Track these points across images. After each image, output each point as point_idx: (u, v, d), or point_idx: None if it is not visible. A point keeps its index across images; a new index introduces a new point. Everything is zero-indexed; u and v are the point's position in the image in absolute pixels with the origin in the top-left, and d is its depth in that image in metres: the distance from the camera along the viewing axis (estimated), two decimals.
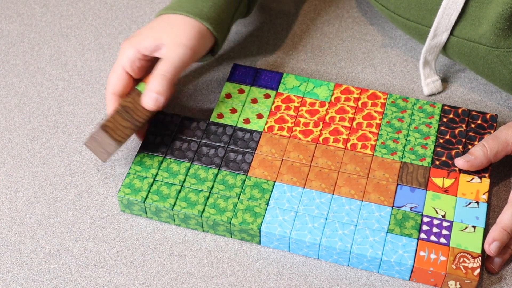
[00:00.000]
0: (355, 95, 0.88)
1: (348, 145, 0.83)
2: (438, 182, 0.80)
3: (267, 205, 0.79)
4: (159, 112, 0.86)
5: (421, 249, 0.75)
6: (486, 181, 0.80)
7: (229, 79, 0.90)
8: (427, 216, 0.77)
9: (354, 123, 0.85)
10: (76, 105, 0.92)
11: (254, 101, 0.88)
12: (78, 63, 0.97)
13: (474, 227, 0.77)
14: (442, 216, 0.77)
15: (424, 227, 0.77)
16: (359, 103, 0.87)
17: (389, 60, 0.96)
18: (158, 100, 0.80)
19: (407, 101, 0.87)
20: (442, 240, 0.76)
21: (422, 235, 0.76)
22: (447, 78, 0.94)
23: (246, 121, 0.86)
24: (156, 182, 0.81)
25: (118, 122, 0.79)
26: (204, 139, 0.84)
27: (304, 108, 0.87)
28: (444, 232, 0.76)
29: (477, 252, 0.75)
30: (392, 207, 0.78)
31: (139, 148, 0.83)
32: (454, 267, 0.74)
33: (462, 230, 0.76)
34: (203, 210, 0.78)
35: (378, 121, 0.85)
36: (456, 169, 0.81)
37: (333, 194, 0.79)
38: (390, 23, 1.00)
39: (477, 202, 0.78)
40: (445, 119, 0.85)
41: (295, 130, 0.85)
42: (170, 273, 0.77)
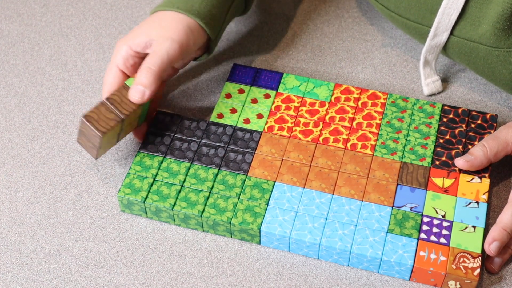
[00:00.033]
0: (355, 95, 0.88)
1: (348, 145, 0.83)
2: (438, 182, 0.80)
3: (267, 205, 0.79)
4: (159, 112, 0.86)
5: (421, 249, 0.75)
6: (486, 181, 0.80)
7: (229, 79, 0.90)
8: (427, 216, 0.77)
9: (354, 123, 0.85)
10: (76, 105, 0.92)
11: (254, 101, 0.88)
12: (78, 63, 0.97)
13: (474, 227, 0.77)
14: (442, 216, 0.77)
15: (424, 227, 0.77)
16: (359, 103, 0.87)
17: (389, 60, 0.96)
18: (144, 93, 0.80)
19: (407, 101, 0.87)
20: (442, 240, 0.76)
21: (422, 235, 0.76)
22: (447, 78, 0.94)
23: (246, 121, 0.86)
24: (156, 182, 0.81)
25: (102, 114, 0.79)
26: (204, 139, 0.84)
27: (304, 108, 0.87)
28: (444, 232, 0.76)
29: (477, 252, 0.75)
30: (392, 207, 0.78)
31: (139, 148, 0.83)
32: (454, 267, 0.74)
33: (462, 230, 0.76)
34: (203, 210, 0.78)
35: (378, 121, 0.85)
36: (456, 169, 0.81)
37: (333, 194, 0.79)
38: (390, 23, 1.00)
39: (477, 202, 0.78)
40: (445, 119, 0.85)
41: (295, 130, 0.85)
42: (170, 273, 0.77)
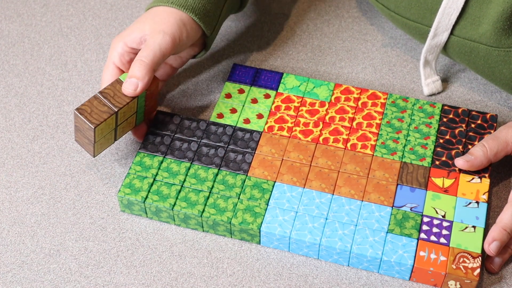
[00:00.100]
0: (355, 95, 0.88)
1: (348, 145, 0.83)
2: (438, 182, 0.80)
3: (267, 205, 0.79)
4: (159, 112, 0.86)
5: (421, 249, 0.75)
6: (486, 181, 0.80)
7: (229, 79, 0.90)
8: (427, 216, 0.77)
9: (354, 123, 0.85)
10: (76, 105, 0.92)
11: (254, 101, 0.88)
12: (78, 63, 0.97)
13: (474, 227, 0.77)
14: (442, 216, 0.77)
15: (424, 227, 0.77)
16: (359, 103, 0.87)
17: (389, 60, 0.96)
18: (137, 85, 0.80)
19: (407, 101, 0.87)
20: (442, 240, 0.76)
21: (422, 235, 0.76)
22: (447, 78, 0.94)
23: (246, 121, 0.86)
24: (156, 182, 0.81)
25: (95, 106, 0.79)
26: (204, 139, 0.84)
27: (304, 108, 0.87)
28: (444, 232, 0.76)
29: (477, 252, 0.75)
30: (392, 207, 0.78)
31: (139, 148, 0.83)
32: (454, 267, 0.74)
33: (462, 230, 0.76)
34: (203, 210, 0.78)
35: (378, 121, 0.85)
36: (456, 169, 0.81)
37: (333, 194, 0.79)
38: (390, 23, 1.00)
39: (477, 202, 0.78)
40: (445, 119, 0.85)
41: (295, 130, 0.85)
42: (170, 273, 0.77)
